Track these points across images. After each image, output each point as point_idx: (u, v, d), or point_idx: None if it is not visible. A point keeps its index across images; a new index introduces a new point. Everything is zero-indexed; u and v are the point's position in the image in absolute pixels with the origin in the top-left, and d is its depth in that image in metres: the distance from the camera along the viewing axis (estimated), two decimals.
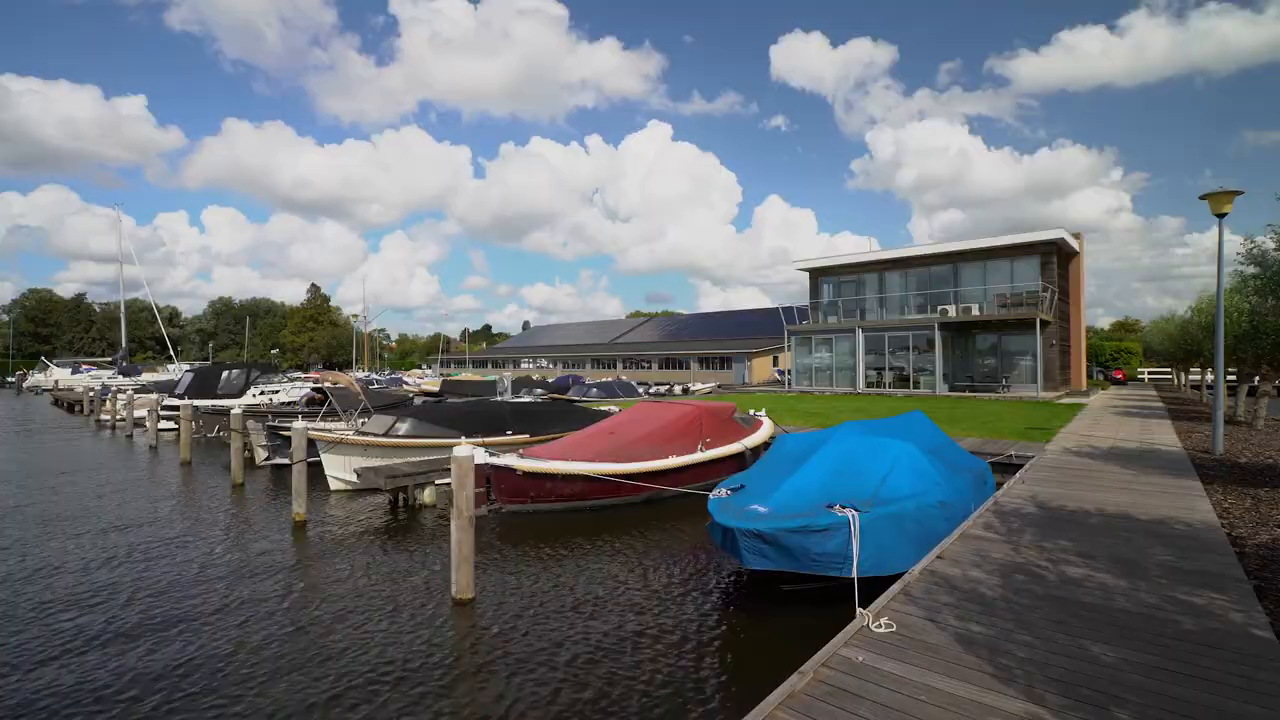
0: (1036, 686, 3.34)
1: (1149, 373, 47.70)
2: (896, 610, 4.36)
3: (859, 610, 4.24)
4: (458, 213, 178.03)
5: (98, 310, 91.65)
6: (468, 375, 49.64)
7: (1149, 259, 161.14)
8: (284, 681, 4.85)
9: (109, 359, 56.30)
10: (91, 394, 29.95)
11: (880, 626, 4.06)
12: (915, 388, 26.74)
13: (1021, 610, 4.33)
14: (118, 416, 23.72)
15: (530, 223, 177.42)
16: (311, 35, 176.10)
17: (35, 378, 52.08)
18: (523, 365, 69.47)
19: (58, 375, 46.66)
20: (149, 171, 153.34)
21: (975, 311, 26.07)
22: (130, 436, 20.75)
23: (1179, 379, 36.72)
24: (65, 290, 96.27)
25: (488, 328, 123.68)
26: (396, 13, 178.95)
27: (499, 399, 21.56)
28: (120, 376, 39.65)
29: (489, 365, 73.28)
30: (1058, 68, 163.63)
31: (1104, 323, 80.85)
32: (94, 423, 25.88)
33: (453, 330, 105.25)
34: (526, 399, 20.90)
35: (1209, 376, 26.65)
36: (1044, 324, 24.32)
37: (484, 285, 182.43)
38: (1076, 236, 28.21)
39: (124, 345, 53.61)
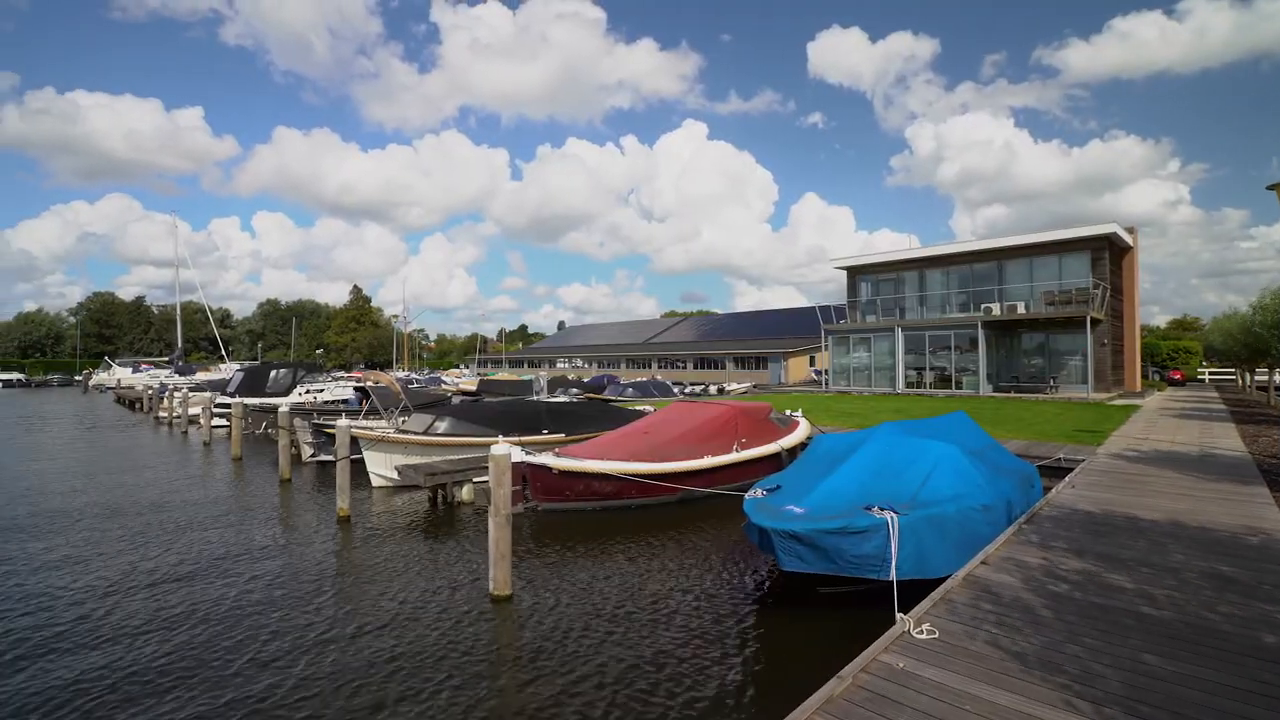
0: (1087, 699, 3.22)
1: (1210, 373, 45.38)
2: (938, 616, 4.25)
3: (899, 616, 4.15)
4: (496, 214, 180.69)
5: (156, 312, 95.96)
6: (504, 375, 50.35)
7: (1209, 254, 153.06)
8: (326, 672, 5.01)
9: (166, 359, 58.92)
10: (150, 392, 31.42)
11: (922, 632, 3.97)
12: (957, 388, 26.02)
13: (1071, 620, 4.18)
14: (174, 414, 24.83)
15: (567, 223, 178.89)
16: (357, 45, 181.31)
17: (99, 376, 54.90)
18: (558, 365, 70.10)
19: (119, 374, 49.10)
20: (205, 179, 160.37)
21: (1021, 309, 25.22)
22: (185, 433, 21.70)
23: (1243, 380, 34.87)
24: (126, 293, 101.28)
25: (524, 328, 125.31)
26: (438, 20, 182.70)
27: (535, 398, 21.78)
28: (176, 375, 41.41)
29: (525, 365, 74.18)
30: (1110, 56, 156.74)
31: (1160, 321, 77.39)
32: (153, 419, 27.15)
33: (489, 330, 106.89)
34: (562, 398, 21.07)
35: (1278, 377, 25.23)
36: (1095, 322, 23.38)
37: (521, 286, 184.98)
38: (1130, 231, 27.05)
39: (179, 345, 55.93)
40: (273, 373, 25.43)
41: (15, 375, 67.35)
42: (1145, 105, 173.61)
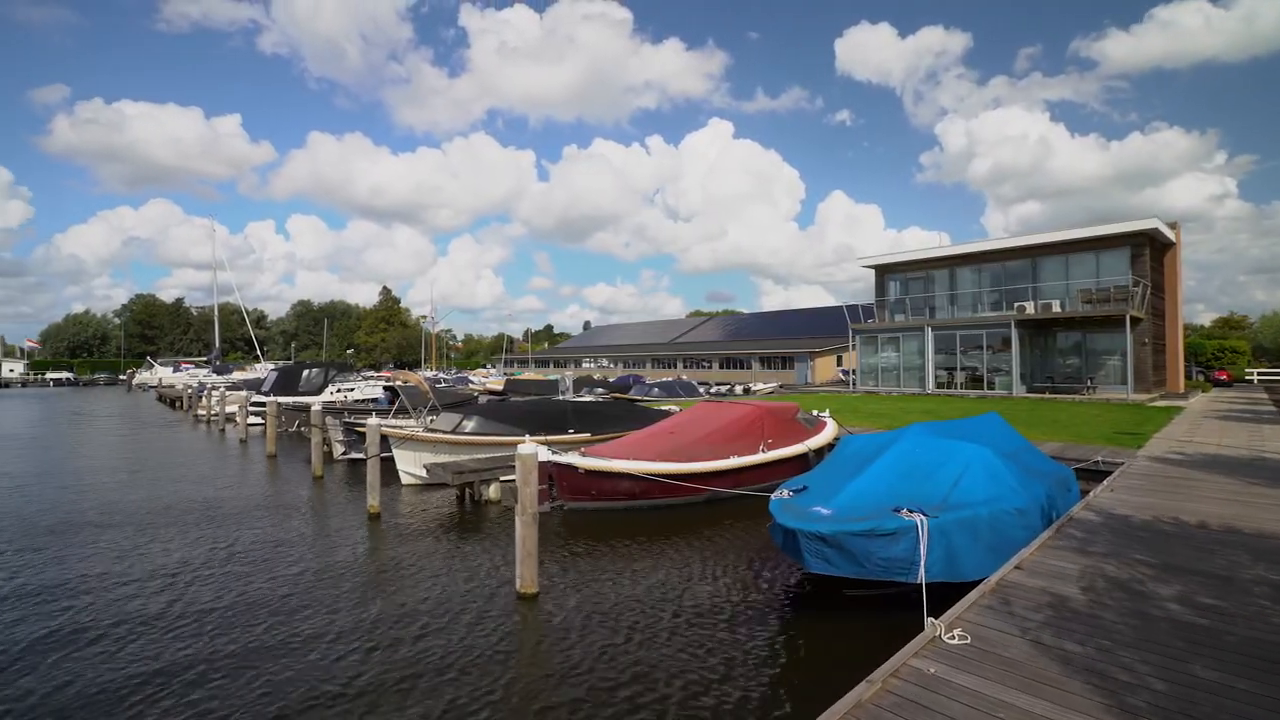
0: (1130, 710, 3.11)
1: (1259, 373, 43.57)
2: (971, 621, 4.16)
3: (930, 620, 4.07)
4: (523, 215, 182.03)
5: (195, 313, 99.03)
6: (530, 375, 50.75)
7: (1259, 249, 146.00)
8: (354, 666, 5.10)
9: (204, 358, 60.72)
10: (189, 391, 32.41)
11: (953, 638, 3.89)
12: (990, 389, 25.43)
13: (1110, 627, 4.05)
14: (212, 412, 25.58)
15: (593, 224, 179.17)
16: (389, 50, 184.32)
17: (142, 376, 56.91)
18: (583, 365, 70.41)
19: (161, 374, 50.78)
20: (242, 184, 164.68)
21: (1056, 308, 24.54)
22: (223, 431, 22.33)
23: None
24: (167, 295, 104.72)
25: (550, 328, 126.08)
26: (466, 25, 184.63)
27: (561, 398, 21.91)
28: (214, 374, 42.68)
29: (550, 365, 74.67)
30: (1152, 45, 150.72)
31: (1205, 319, 74.39)
32: (192, 417, 28.01)
33: (516, 330, 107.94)
34: (588, 398, 21.15)
35: None
36: (1134, 321, 22.66)
37: (547, 286, 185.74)
38: (1172, 226, 26.13)
39: (217, 345, 57.69)
40: (305, 372, 26.03)
41: (65, 374, 70.40)
42: (1189, 96, 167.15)
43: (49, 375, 69.69)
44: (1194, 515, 6.72)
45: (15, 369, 70.62)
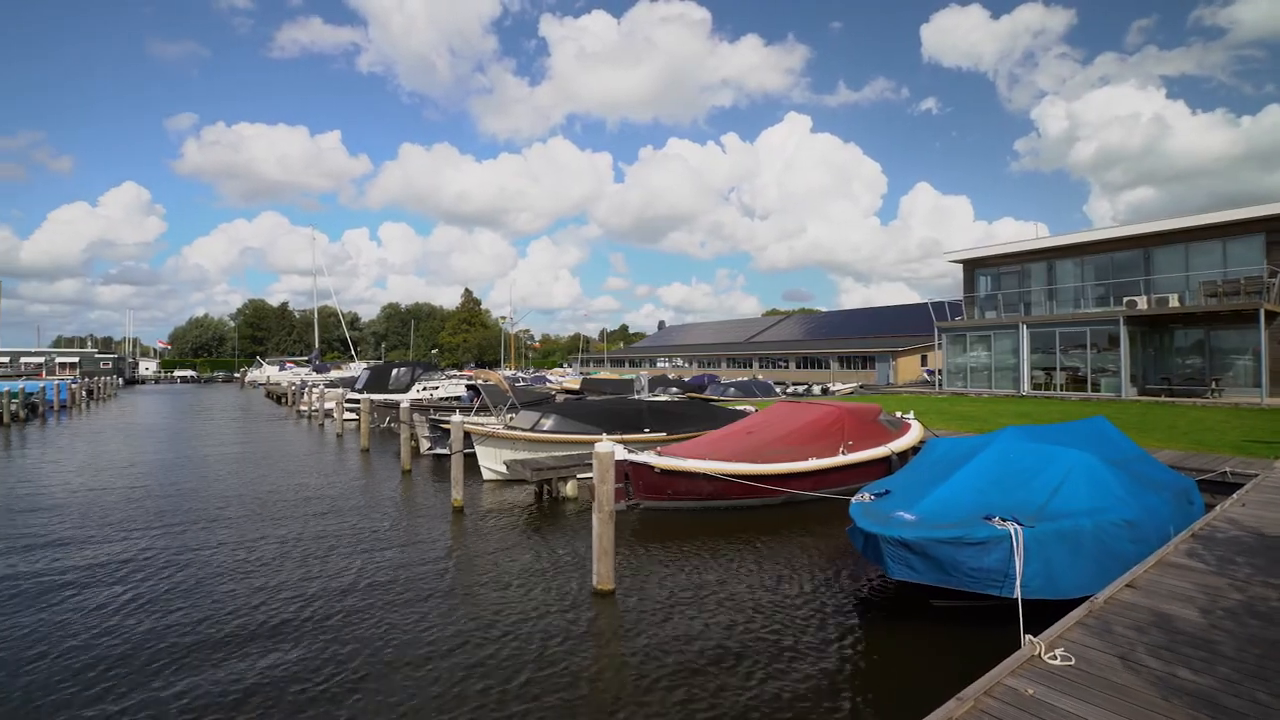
0: None
1: None
2: (1074, 641, 3.87)
3: (1028, 638, 3.81)
4: (599, 217, 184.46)
5: (297, 316, 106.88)
6: (606, 374, 51.48)
7: None
8: (437, 653, 5.34)
9: (305, 358, 65.50)
10: (293, 388, 35.05)
11: (1055, 658, 3.63)
12: (1094, 390, 23.51)
13: (1235, 656, 3.66)
14: (313, 408, 27.55)
15: (669, 223, 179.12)
16: (475, 63, 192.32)
17: (253, 374, 62.32)
18: (658, 364, 70.70)
19: (268, 372, 55.34)
20: (341, 195, 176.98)
21: (1174, 302, 22.36)
22: (322, 425, 24.00)
23: None
24: (275, 300, 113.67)
25: (624, 328, 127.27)
26: (546, 35, 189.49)
27: (636, 397, 22.09)
28: (314, 373, 45.91)
29: (625, 364, 75.43)
30: None
31: None
32: (295, 413, 30.30)
33: (591, 330, 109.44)
34: (663, 398, 21.22)
35: None
36: (1270, 315, 20.29)
37: (623, 286, 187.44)
38: None
39: (316, 346, 62.08)
40: (394, 371, 27.60)
41: (189, 373, 78.51)
42: None
43: (177, 373, 77.74)
44: None
45: (149, 367, 79.46)
